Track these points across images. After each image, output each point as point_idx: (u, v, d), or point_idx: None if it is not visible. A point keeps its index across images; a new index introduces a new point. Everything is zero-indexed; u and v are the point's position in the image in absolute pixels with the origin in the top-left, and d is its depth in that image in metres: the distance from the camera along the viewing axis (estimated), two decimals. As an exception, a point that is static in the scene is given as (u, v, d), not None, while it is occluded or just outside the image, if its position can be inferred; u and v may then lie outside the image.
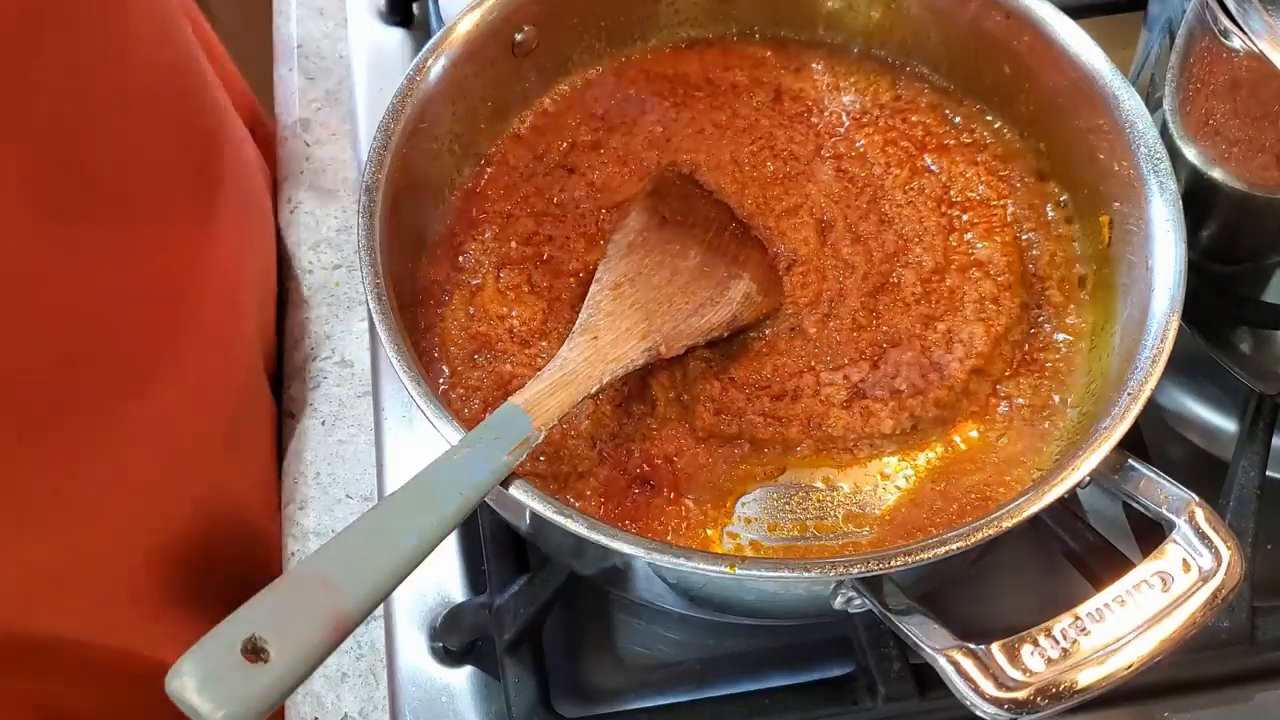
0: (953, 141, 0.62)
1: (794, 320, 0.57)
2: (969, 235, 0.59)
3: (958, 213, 0.60)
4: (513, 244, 0.59)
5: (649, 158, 0.62)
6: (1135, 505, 0.46)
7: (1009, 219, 0.60)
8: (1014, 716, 0.41)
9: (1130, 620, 0.42)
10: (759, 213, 0.60)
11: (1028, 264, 0.58)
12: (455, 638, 0.57)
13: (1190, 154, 0.56)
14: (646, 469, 0.53)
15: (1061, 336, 0.57)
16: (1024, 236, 0.59)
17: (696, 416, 0.54)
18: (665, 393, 0.55)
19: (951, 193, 0.60)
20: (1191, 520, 0.44)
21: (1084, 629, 0.41)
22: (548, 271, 0.58)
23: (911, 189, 0.61)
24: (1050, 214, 0.60)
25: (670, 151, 0.62)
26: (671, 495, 0.53)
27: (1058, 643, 0.41)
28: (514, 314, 0.57)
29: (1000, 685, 0.41)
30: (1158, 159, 0.52)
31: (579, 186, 0.62)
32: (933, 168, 0.61)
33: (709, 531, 0.52)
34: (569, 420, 0.53)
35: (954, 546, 0.43)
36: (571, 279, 0.58)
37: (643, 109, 0.64)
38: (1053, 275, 0.58)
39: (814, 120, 0.64)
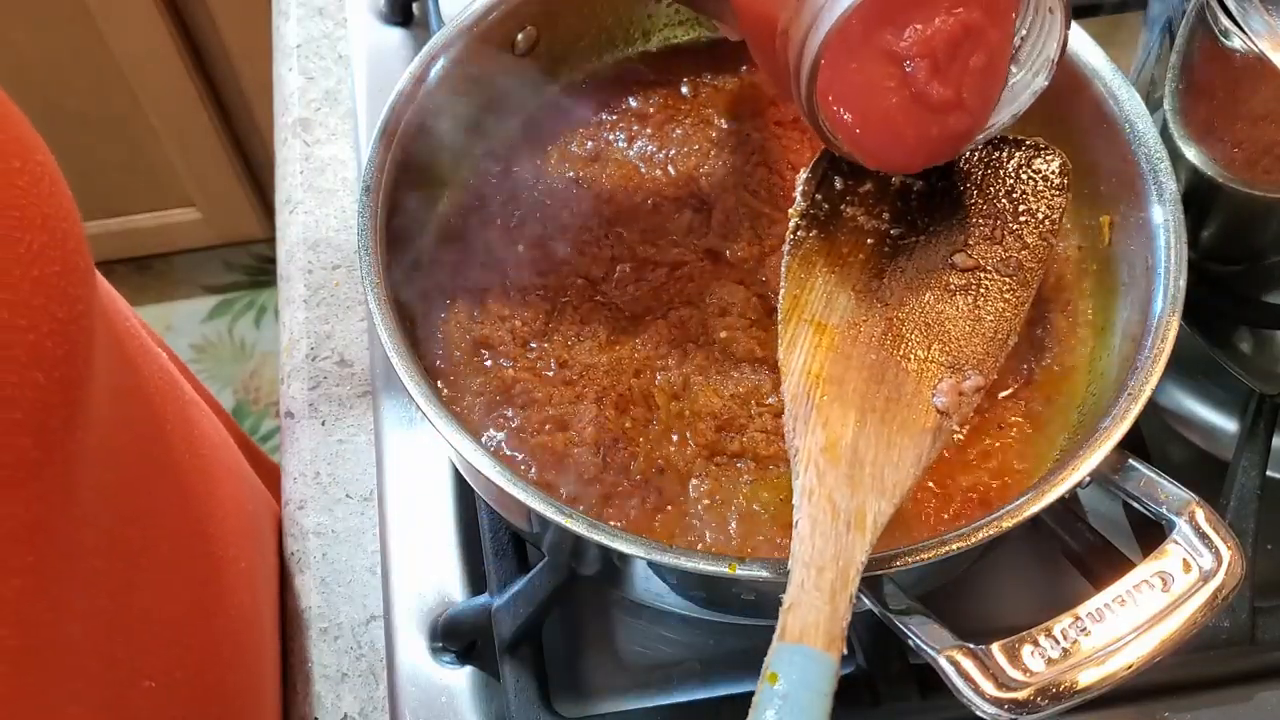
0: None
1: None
2: None
3: None
4: (518, 247, 0.59)
5: (650, 157, 0.62)
6: (1135, 505, 0.46)
7: None
8: (1014, 716, 0.40)
9: (1130, 620, 0.41)
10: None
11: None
12: (455, 638, 0.57)
13: (1190, 154, 0.56)
14: (650, 475, 0.53)
15: (1064, 353, 0.56)
16: None
17: (698, 434, 0.54)
18: (667, 401, 0.55)
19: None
20: (1192, 520, 0.43)
21: (1084, 629, 0.41)
22: (550, 273, 0.58)
23: None
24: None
25: (672, 155, 0.62)
26: (675, 501, 0.52)
27: (1058, 643, 0.41)
28: (516, 316, 0.57)
29: (1000, 685, 0.41)
30: (1158, 159, 0.52)
31: (581, 187, 0.61)
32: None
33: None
34: (573, 426, 0.53)
35: (954, 546, 0.43)
36: (576, 280, 0.58)
37: (643, 109, 0.64)
38: (1057, 299, 0.58)
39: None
